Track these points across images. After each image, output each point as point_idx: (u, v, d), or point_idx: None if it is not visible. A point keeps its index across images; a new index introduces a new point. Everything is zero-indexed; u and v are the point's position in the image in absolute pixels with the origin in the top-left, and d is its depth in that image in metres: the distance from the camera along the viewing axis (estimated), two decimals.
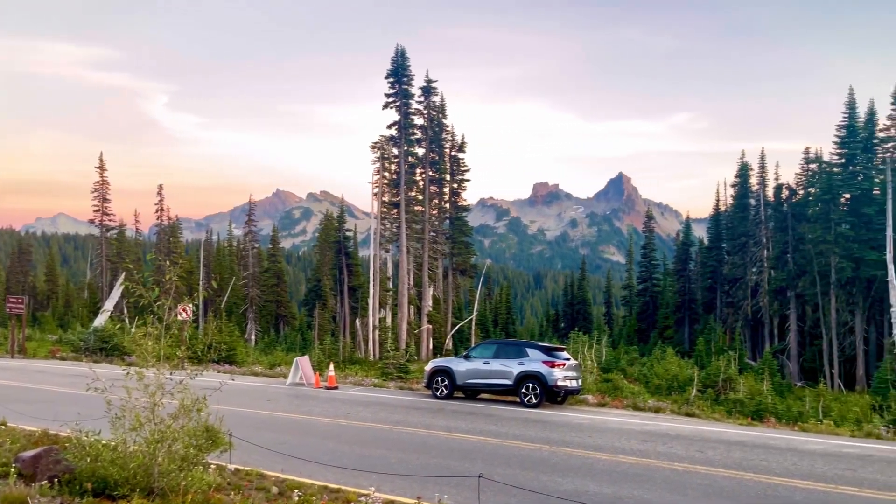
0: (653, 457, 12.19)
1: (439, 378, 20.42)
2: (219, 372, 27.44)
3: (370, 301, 48.20)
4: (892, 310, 39.48)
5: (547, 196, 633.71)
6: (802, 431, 17.42)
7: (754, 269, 58.77)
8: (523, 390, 18.94)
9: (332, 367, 24.31)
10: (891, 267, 40.20)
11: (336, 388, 22.91)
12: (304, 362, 24.53)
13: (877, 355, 48.12)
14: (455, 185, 59.16)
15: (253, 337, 64.96)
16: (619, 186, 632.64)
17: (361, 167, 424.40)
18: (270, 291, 70.94)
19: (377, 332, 47.07)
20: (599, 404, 20.70)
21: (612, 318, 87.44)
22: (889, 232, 40.86)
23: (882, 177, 45.38)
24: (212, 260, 78.05)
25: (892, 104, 50.75)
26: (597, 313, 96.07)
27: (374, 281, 47.77)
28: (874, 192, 47.95)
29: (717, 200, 68.59)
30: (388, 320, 50.55)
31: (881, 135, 50.73)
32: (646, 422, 17.15)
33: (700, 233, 79.83)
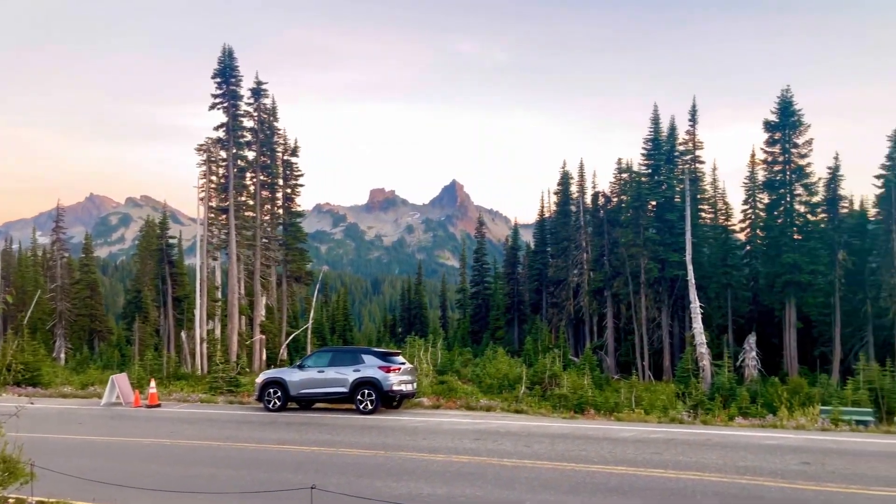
0: (484, 455, 12.59)
1: (271, 390, 19.76)
2: (19, 395, 24.63)
3: (197, 312, 45.65)
4: (691, 306, 43.96)
5: (384, 202, 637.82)
6: (617, 421, 18.86)
7: (576, 271, 62.95)
8: (359, 397, 18.83)
9: (153, 383, 22.68)
10: (690, 267, 44.75)
11: (158, 405, 21.41)
12: (121, 380, 22.68)
13: (680, 347, 53.35)
14: (288, 190, 57.72)
15: (63, 355, 59.13)
16: (452, 193, 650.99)
17: (187, 170, 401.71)
18: (83, 304, 65.03)
19: (205, 344, 44.68)
20: (434, 406, 21.07)
21: (447, 321, 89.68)
22: (688, 236, 45.52)
23: (682, 186, 50.46)
24: (12, 271, 70.10)
25: (689, 121, 56.69)
26: (433, 317, 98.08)
27: (201, 291, 45.32)
28: (675, 199, 53.18)
29: (542, 207, 72.78)
30: (218, 332, 48.19)
31: (681, 148, 56.51)
32: (478, 421, 17.71)
33: (528, 237, 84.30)
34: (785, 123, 53.40)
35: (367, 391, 18.77)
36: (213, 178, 48.20)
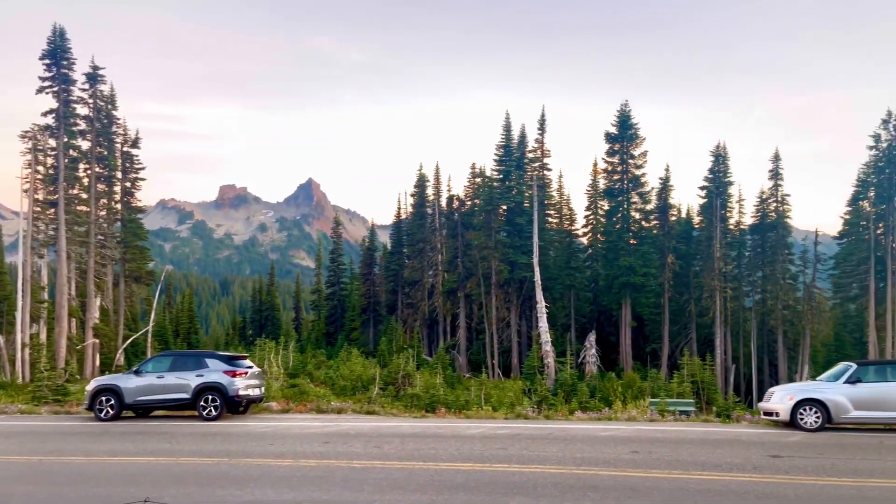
0: (333, 457, 12.41)
1: (104, 398, 18.34)
2: None
3: (18, 315, 41.41)
4: (538, 306, 46.09)
5: (235, 199, 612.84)
6: (467, 418, 19.33)
7: (431, 272, 63.92)
8: (202, 403, 17.95)
9: None
10: (537, 269, 46.94)
11: None
12: None
13: (528, 346, 55.71)
14: (128, 184, 53.90)
15: None
16: (308, 192, 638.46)
17: (9, 159, 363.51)
18: None
19: (27, 350, 40.66)
20: (283, 410, 20.53)
21: (301, 322, 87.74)
22: (535, 239, 47.71)
23: (531, 191, 52.77)
24: None
25: (539, 130, 59.34)
26: (286, 318, 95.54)
27: (23, 291, 41.17)
28: (525, 204, 55.48)
29: (399, 209, 73.17)
30: (43, 336, 44.04)
31: (530, 155, 59.04)
32: (328, 424, 17.45)
33: (385, 238, 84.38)
34: (623, 136, 57.44)
35: (211, 397, 17.94)
36: (41, 168, 44.00)
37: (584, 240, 64.53)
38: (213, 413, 17.82)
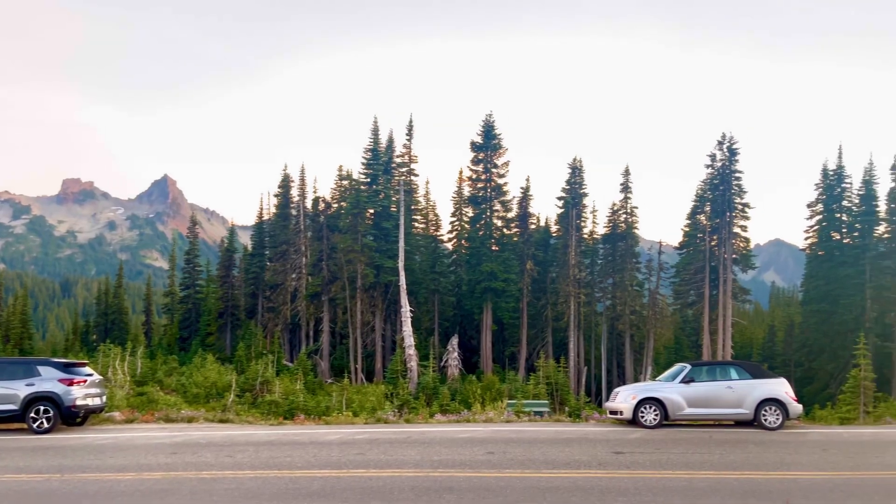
0: (181, 469, 11.75)
1: None
2: None
3: None
4: (402, 310, 46.30)
5: (80, 194, 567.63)
6: (326, 424, 19.02)
7: (294, 276, 62.42)
8: (32, 415, 16.40)
9: None
10: (402, 274, 47.16)
11: None
12: None
13: (392, 350, 55.78)
14: None
15: None
16: (164, 189, 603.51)
17: None
18: None
19: None
20: (128, 420, 19.22)
21: (151, 327, 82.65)
22: (401, 243, 47.94)
23: (398, 196, 52.98)
24: None
25: (406, 135, 59.76)
26: (136, 322, 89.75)
27: None
28: (392, 209, 55.62)
29: (262, 209, 70.91)
30: None
31: (398, 160, 59.29)
32: (177, 434, 16.52)
33: (246, 240, 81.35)
34: (487, 145, 59.11)
35: (43, 408, 16.43)
36: None
37: (449, 245, 65.73)
38: (46, 425, 16.34)
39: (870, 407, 29.61)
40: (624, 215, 61.73)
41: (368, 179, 57.43)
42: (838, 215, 61.15)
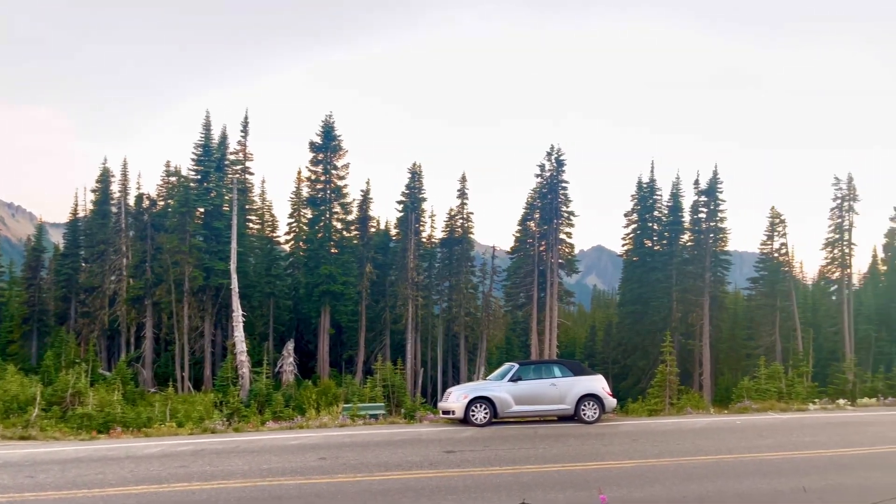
0: None
1: None
2: None
3: None
4: (234, 314, 44.35)
5: None
6: (146, 437, 17.73)
7: (113, 278, 57.73)
8: None
9: None
10: (234, 276, 45.19)
11: None
12: None
13: (223, 356, 53.24)
14: None
15: None
16: None
17: None
18: None
19: None
20: None
21: None
22: (234, 244, 45.93)
23: (231, 195, 50.73)
24: None
25: (241, 132, 57.51)
26: None
27: None
28: (224, 208, 53.18)
29: (76, 205, 64.92)
30: None
31: (231, 157, 56.85)
32: None
33: (57, 238, 73.98)
34: (327, 146, 58.35)
35: None
36: None
37: (287, 247, 64.04)
38: None
39: (674, 399, 32.68)
40: (460, 220, 63.58)
41: (199, 177, 54.49)
42: (650, 224, 67.10)
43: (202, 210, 53.90)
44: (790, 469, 11.54)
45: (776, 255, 63.24)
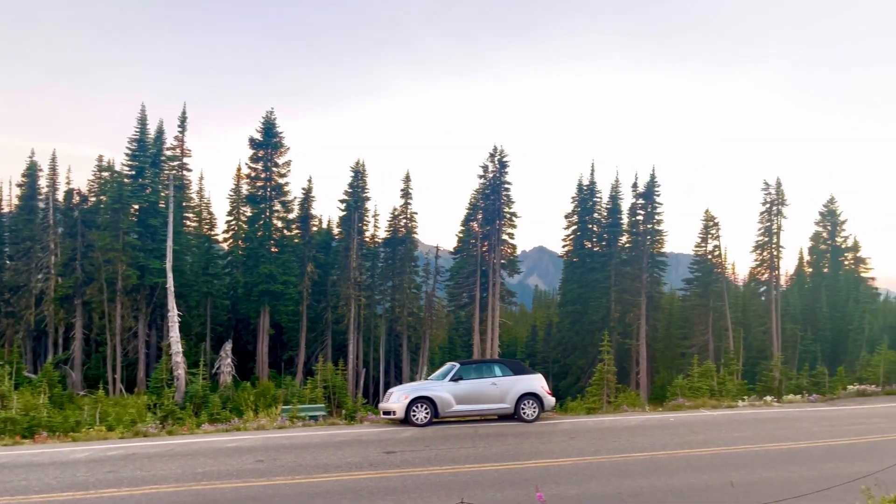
0: None
1: None
2: None
3: None
4: (169, 314, 43.07)
5: None
6: (74, 441, 17.06)
7: (40, 276, 55.30)
8: None
9: None
10: (170, 275, 43.86)
11: None
12: None
13: (157, 357, 51.71)
14: None
15: None
16: None
17: None
18: None
19: None
20: None
21: None
22: (169, 242, 44.60)
23: (167, 191, 49.30)
24: None
25: (179, 127, 56.01)
26: None
27: None
28: (160, 205, 51.64)
29: (1, 200, 62.01)
30: None
31: (168, 153, 55.28)
32: None
33: None
34: (268, 143, 57.37)
35: None
36: None
37: (225, 246, 62.65)
38: None
39: (612, 397, 33.40)
40: (404, 220, 63.47)
41: (133, 172, 52.76)
42: (590, 226, 68.45)
43: (137, 207, 52.20)
44: (720, 464, 11.93)
45: (710, 256, 65.35)
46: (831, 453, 12.91)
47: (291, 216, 59.42)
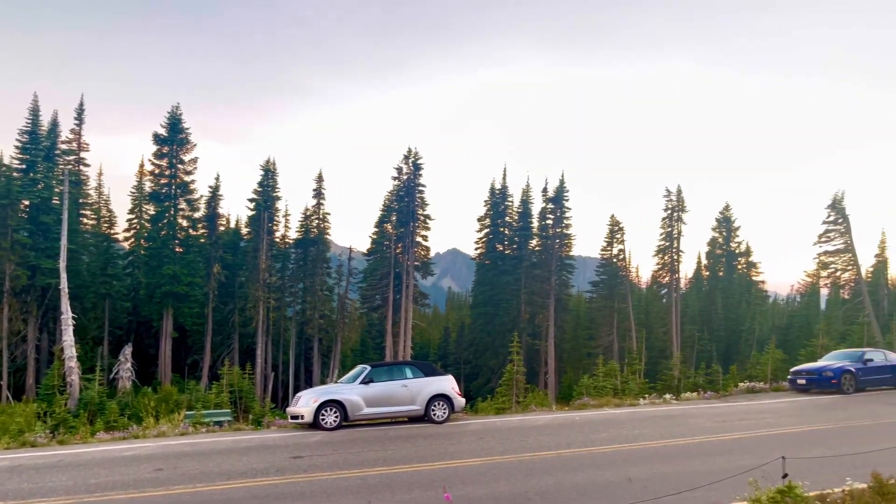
0: None
1: None
2: None
3: None
4: (62, 317, 40.64)
5: None
6: None
7: None
8: None
9: None
10: (64, 276, 41.41)
11: None
12: None
13: (48, 363, 48.67)
14: None
15: None
16: None
17: None
18: None
19: None
20: None
21: None
22: (64, 241, 42.08)
23: (62, 187, 46.52)
24: None
25: (76, 120, 53.04)
26: None
27: None
28: (54, 201, 48.73)
29: None
30: None
31: (63, 146, 52.25)
32: None
33: None
34: (174, 139, 55.20)
35: None
36: None
37: (126, 245, 59.78)
38: None
39: (521, 397, 34.04)
40: (316, 220, 62.54)
41: (24, 166, 49.53)
42: (502, 229, 69.57)
43: (27, 203, 49.02)
44: (621, 461, 12.36)
45: (615, 260, 67.80)
46: (724, 447, 13.63)
47: (197, 215, 57.35)
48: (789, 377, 26.23)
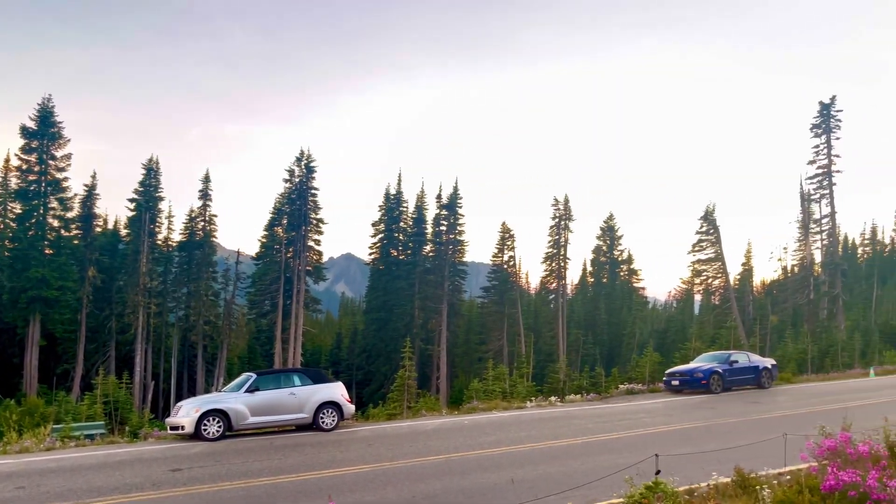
0: None
1: None
2: None
3: None
4: None
5: None
6: None
7: None
8: None
9: None
10: None
11: None
12: None
13: None
14: None
15: None
16: None
17: None
18: None
19: None
20: None
21: None
22: None
23: None
24: None
25: None
26: None
27: None
28: None
29: None
30: None
31: None
32: None
33: None
34: (44, 133, 51.54)
35: None
36: None
37: None
38: None
39: (412, 402, 34.10)
40: (202, 223, 60.16)
41: None
42: (396, 235, 69.61)
43: None
44: (507, 463, 12.61)
45: (506, 266, 69.39)
46: (604, 447, 14.20)
47: (71, 215, 53.74)
48: (665, 379, 27.70)
